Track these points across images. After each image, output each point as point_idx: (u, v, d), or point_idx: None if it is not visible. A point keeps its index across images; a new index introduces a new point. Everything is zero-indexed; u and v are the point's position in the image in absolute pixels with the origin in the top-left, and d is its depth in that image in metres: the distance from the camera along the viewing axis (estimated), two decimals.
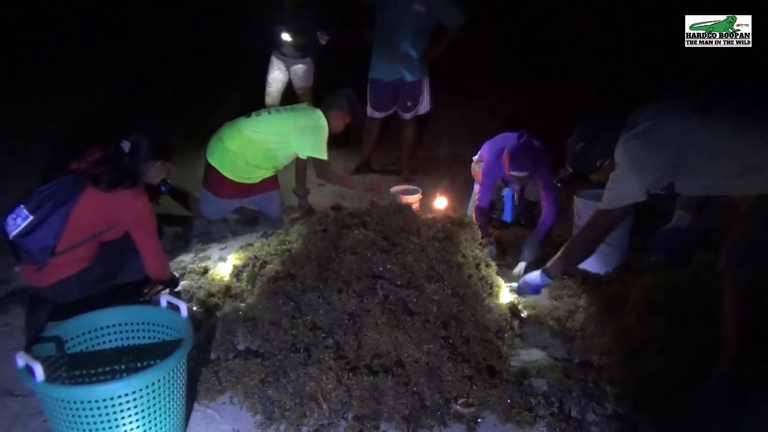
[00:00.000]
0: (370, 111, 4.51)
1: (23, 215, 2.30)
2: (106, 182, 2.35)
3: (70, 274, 2.40)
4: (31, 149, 4.77)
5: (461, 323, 2.42)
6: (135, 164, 2.47)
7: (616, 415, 2.11)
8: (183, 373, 1.87)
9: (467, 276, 2.65)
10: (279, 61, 5.00)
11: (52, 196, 2.31)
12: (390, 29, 4.14)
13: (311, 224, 3.07)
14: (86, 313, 2.00)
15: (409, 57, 4.21)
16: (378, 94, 4.42)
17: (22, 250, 2.32)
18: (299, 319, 2.43)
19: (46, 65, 6.60)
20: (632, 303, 2.63)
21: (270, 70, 5.03)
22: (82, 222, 2.36)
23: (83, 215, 2.35)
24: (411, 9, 3.95)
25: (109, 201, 2.38)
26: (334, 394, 2.09)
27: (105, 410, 1.66)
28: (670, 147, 2.11)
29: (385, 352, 2.25)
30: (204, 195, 3.68)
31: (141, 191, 2.50)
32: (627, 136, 2.20)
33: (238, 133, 3.54)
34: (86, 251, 2.44)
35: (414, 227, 2.87)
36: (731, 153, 2.05)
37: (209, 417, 2.11)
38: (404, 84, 4.36)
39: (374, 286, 2.50)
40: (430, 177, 4.81)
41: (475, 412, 2.10)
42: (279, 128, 3.57)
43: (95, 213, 2.38)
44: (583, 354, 2.42)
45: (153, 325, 2.07)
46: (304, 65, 5.00)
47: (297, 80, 5.09)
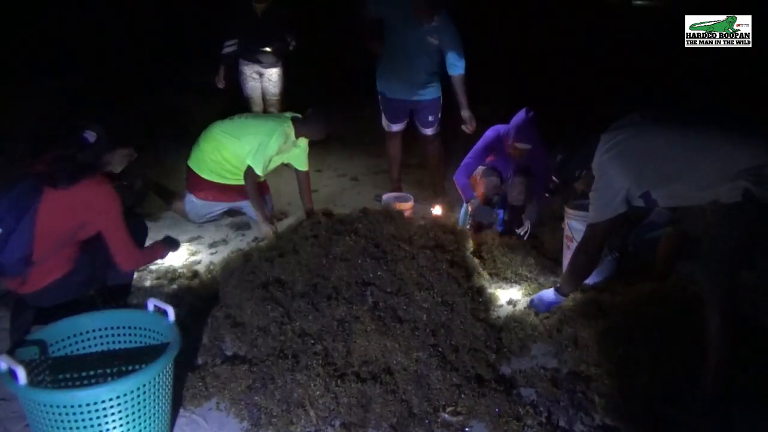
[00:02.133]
0: (387, 125, 4.28)
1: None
2: (66, 178, 2.22)
3: (55, 278, 2.33)
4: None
5: (450, 331, 2.42)
6: (99, 154, 2.38)
7: (604, 425, 2.11)
8: (169, 379, 1.85)
9: (457, 284, 2.65)
10: (251, 69, 4.80)
11: (14, 205, 2.17)
12: (403, 53, 3.92)
13: (302, 230, 3.06)
14: (71, 317, 1.98)
15: (423, 79, 4.00)
16: (390, 107, 4.19)
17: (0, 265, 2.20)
18: (288, 325, 2.42)
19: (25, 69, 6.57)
20: (621, 313, 2.63)
21: (245, 81, 4.85)
22: (51, 223, 2.23)
23: (49, 216, 2.22)
24: (425, 39, 3.81)
25: (71, 196, 2.24)
26: (321, 401, 2.07)
27: (88, 415, 1.64)
28: (639, 160, 2.22)
29: (374, 359, 2.24)
30: (186, 198, 3.74)
31: (101, 179, 2.36)
32: (600, 152, 2.32)
33: (210, 135, 3.62)
34: (68, 254, 2.36)
35: (405, 234, 2.86)
36: (697, 165, 2.13)
37: (195, 423, 2.09)
38: (421, 103, 4.12)
39: (364, 293, 2.49)
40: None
41: (463, 420, 2.09)
42: (241, 132, 3.58)
43: (61, 212, 2.25)
44: (572, 364, 2.41)
45: (139, 329, 2.05)
46: (278, 71, 4.84)
47: (271, 86, 4.88)
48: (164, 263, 3.23)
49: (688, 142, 2.17)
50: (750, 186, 2.01)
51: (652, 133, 2.25)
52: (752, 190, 2.00)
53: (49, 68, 6.57)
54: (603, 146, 2.31)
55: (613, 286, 2.99)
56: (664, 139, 2.21)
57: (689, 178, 2.16)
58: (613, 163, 2.27)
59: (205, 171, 3.62)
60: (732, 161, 2.06)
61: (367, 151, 5.59)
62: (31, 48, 6.94)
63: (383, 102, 4.19)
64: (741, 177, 2.03)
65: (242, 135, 3.56)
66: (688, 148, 2.16)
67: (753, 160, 2.04)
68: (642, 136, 2.26)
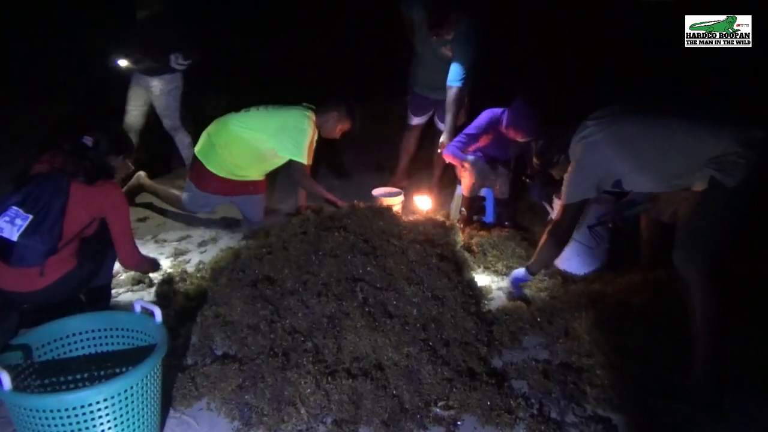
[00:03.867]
0: (410, 118, 4.32)
1: (21, 215, 2.20)
2: (84, 175, 2.35)
3: (67, 270, 2.39)
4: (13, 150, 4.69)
5: (441, 326, 2.41)
6: (99, 158, 2.45)
7: (596, 416, 2.11)
8: (158, 379, 1.83)
9: (447, 278, 2.64)
10: (137, 77, 4.08)
11: (42, 194, 2.25)
12: (425, 58, 4.00)
13: (291, 227, 3.04)
14: (56, 320, 1.96)
15: (441, 82, 3.88)
16: (414, 101, 4.26)
17: (23, 253, 2.22)
18: (278, 323, 2.40)
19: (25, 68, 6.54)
20: (611, 304, 2.64)
21: (129, 87, 4.14)
22: (75, 217, 2.35)
23: (75, 209, 2.34)
24: (439, 50, 3.83)
25: (92, 194, 2.37)
26: (312, 398, 2.06)
27: (76, 419, 1.62)
28: (612, 150, 2.28)
29: (365, 355, 2.24)
30: (188, 186, 3.73)
31: (117, 183, 2.54)
32: (576, 138, 2.40)
33: (225, 129, 3.57)
34: (73, 249, 2.42)
35: (395, 230, 2.85)
36: (666, 155, 2.19)
37: (185, 423, 2.07)
38: (441, 102, 4.04)
39: (354, 289, 2.49)
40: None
41: (454, 414, 2.09)
42: (264, 125, 3.54)
43: (83, 206, 2.37)
44: (563, 355, 2.42)
45: (127, 330, 2.03)
46: (161, 84, 4.03)
47: (155, 100, 4.11)
48: None
49: (657, 133, 2.23)
50: (715, 174, 2.07)
51: (626, 124, 2.30)
52: (717, 177, 2.07)
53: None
54: (580, 133, 2.38)
55: (603, 276, 3.00)
56: (636, 130, 2.27)
57: (660, 168, 2.23)
58: (588, 150, 2.34)
59: (213, 164, 3.60)
60: (698, 151, 2.12)
61: (358, 147, 5.57)
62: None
63: (410, 94, 4.27)
64: (707, 165, 2.10)
65: (266, 127, 3.53)
66: (658, 139, 2.22)
67: (716, 149, 2.09)
68: (616, 125, 2.31)
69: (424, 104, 4.23)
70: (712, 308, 2.10)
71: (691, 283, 2.14)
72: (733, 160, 2.05)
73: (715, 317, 2.11)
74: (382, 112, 5.46)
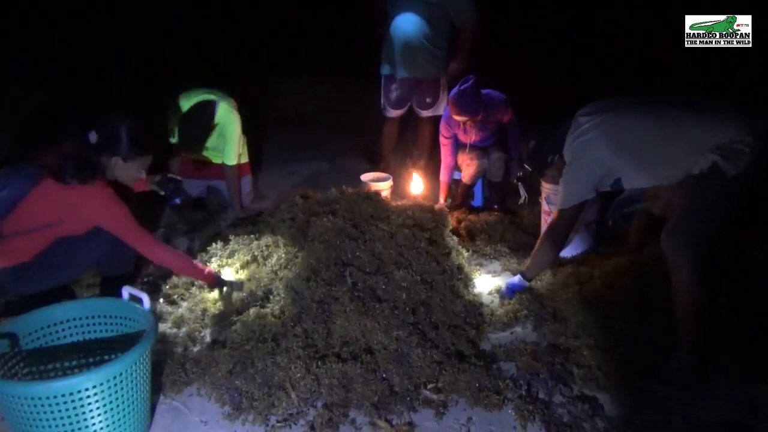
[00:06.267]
0: (386, 109, 4.24)
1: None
2: (69, 174, 2.23)
3: (7, 266, 2.31)
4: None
5: (430, 309, 2.43)
6: (98, 158, 2.30)
7: (582, 396, 2.14)
8: (147, 366, 1.83)
9: (436, 262, 2.65)
10: None
11: (7, 181, 2.23)
12: (403, 23, 3.86)
13: (280, 212, 3.03)
14: (43, 308, 1.94)
15: (423, 52, 3.92)
16: (390, 89, 4.15)
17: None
18: (267, 308, 2.40)
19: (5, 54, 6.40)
20: (598, 286, 2.67)
21: None
22: (30, 211, 2.26)
23: (34, 205, 2.25)
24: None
25: (63, 195, 2.25)
26: (302, 382, 2.07)
27: (65, 406, 1.62)
28: (608, 145, 2.22)
29: (354, 339, 2.25)
30: None
31: (101, 185, 2.32)
32: (571, 137, 2.33)
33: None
34: (30, 243, 2.32)
35: (383, 214, 2.85)
36: (670, 146, 2.14)
37: (175, 410, 2.08)
38: (422, 81, 4.08)
39: (343, 273, 2.49)
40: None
41: (444, 396, 2.11)
42: None
43: (47, 205, 2.27)
44: (551, 337, 2.44)
45: (115, 318, 2.02)
46: None
47: None
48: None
49: (659, 125, 2.17)
50: (718, 159, 2.05)
51: (626, 117, 2.24)
52: (719, 163, 2.04)
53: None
54: (576, 130, 2.30)
55: (591, 259, 3.02)
56: (636, 122, 2.21)
57: (661, 160, 2.18)
58: (584, 148, 2.27)
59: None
60: (704, 139, 2.09)
61: (346, 132, 5.55)
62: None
63: (385, 84, 4.17)
64: (711, 151, 2.06)
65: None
66: (661, 130, 2.16)
67: (723, 137, 2.06)
68: (616, 119, 2.24)
69: (402, 89, 4.11)
70: (698, 291, 2.12)
71: (678, 266, 2.14)
72: (739, 149, 2.02)
73: (700, 300, 2.13)
74: (369, 95, 5.43)
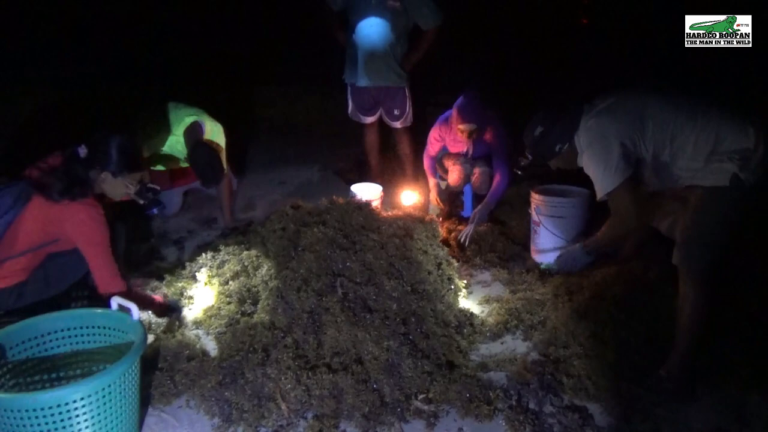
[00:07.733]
0: (358, 116, 4.22)
1: None
2: (57, 191, 2.18)
3: (5, 287, 2.26)
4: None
5: (421, 319, 2.43)
6: (87, 173, 2.26)
7: (572, 405, 2.15)
8: (136, 377, 1.82)
9: (427, 272, 2.66)
10: None
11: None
12: (367, 29, 3.83)
13: (270, 223, 3.03)
14: (31, 319, 1.92)
15: (386, 60, 3.91)
16: (358, 98, 4.14)
17: None
18: (257, 319, 2.39)
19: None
20: (588, 296, 2.68)
21: None
22: (22, 233, 2.21)
23: (24, 227, 2.21)
24: (385, 4, 3.74)
25: (51, 212, 2.21)
26: (293, 393, 2.06)
27: (52, 418, 1.60)
28: (635, 118, 2.12)
29: (345, 350, 2.24)
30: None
31: (91, 202, 2.28)
32: (587, 118, 2.20)
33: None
34: (26, 263, 2.29)
35: (374, 224, 2.86)
36: (691, 134, 2.07)
37: (164, 421, 2.06)
38: (385, 91, 4.06)
39: (333, 284, 2.48)
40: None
41: (434, 407, 2.11)
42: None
43: (37, 225, 2.22)
44: (542, 347, 2.45)
45: (103, 328, 2.01)
46: None
47: None
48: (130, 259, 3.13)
49: (683, 110, 2.09)
50: (737, 171, 2.00)
51: (647, 98, 2.14)
52: (739, 175, 2.00)
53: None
54: (589, 113, 2.20)
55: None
56: (659, 106, 2.12)
57: (682, 147, 2.09)
58: (604, 122, 2.14)
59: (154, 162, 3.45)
60: (723, 138, 2.04)
61: (336, 141, 5.56)
62: None
63: (352, 93, 4.16)
64: (729, 159, 2.02)
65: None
66: (683, 116, 2.08)
67: (742, 143, 2.03)
68: (637, 99, 2.15)
69: (366, 98, 4.10)
70: (703, 308, 2.10)
71: (687, 279, 2.10)
72: (760, 157, 2.00)
73: (704, 316, 2.12)
74: None
